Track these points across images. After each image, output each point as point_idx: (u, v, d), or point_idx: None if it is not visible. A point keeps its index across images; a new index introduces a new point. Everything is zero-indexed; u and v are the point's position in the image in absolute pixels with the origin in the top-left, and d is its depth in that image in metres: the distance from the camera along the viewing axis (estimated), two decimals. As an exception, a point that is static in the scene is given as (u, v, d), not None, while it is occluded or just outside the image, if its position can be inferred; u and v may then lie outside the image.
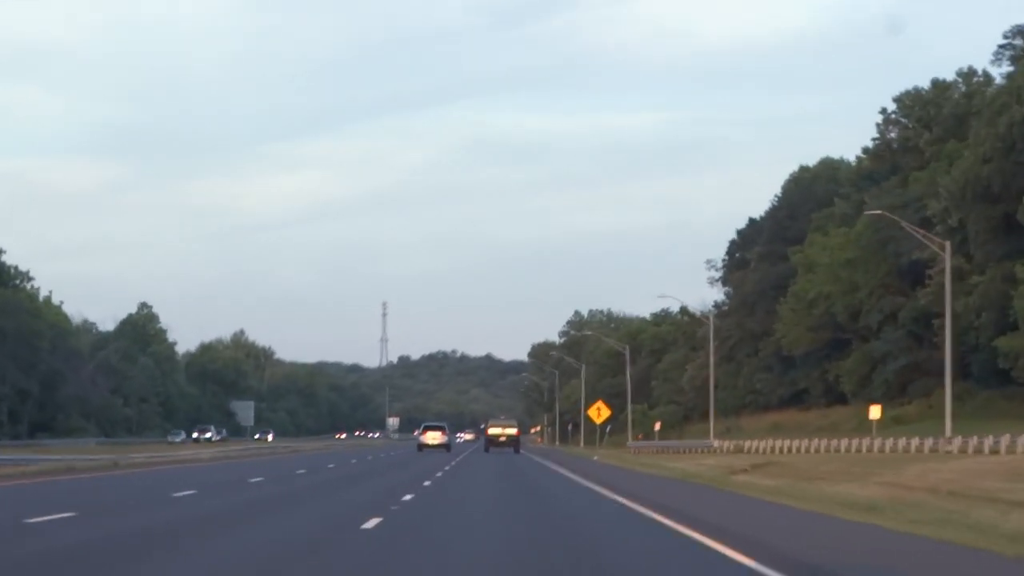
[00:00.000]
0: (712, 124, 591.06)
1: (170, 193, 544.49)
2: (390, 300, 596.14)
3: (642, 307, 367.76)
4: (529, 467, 73.27)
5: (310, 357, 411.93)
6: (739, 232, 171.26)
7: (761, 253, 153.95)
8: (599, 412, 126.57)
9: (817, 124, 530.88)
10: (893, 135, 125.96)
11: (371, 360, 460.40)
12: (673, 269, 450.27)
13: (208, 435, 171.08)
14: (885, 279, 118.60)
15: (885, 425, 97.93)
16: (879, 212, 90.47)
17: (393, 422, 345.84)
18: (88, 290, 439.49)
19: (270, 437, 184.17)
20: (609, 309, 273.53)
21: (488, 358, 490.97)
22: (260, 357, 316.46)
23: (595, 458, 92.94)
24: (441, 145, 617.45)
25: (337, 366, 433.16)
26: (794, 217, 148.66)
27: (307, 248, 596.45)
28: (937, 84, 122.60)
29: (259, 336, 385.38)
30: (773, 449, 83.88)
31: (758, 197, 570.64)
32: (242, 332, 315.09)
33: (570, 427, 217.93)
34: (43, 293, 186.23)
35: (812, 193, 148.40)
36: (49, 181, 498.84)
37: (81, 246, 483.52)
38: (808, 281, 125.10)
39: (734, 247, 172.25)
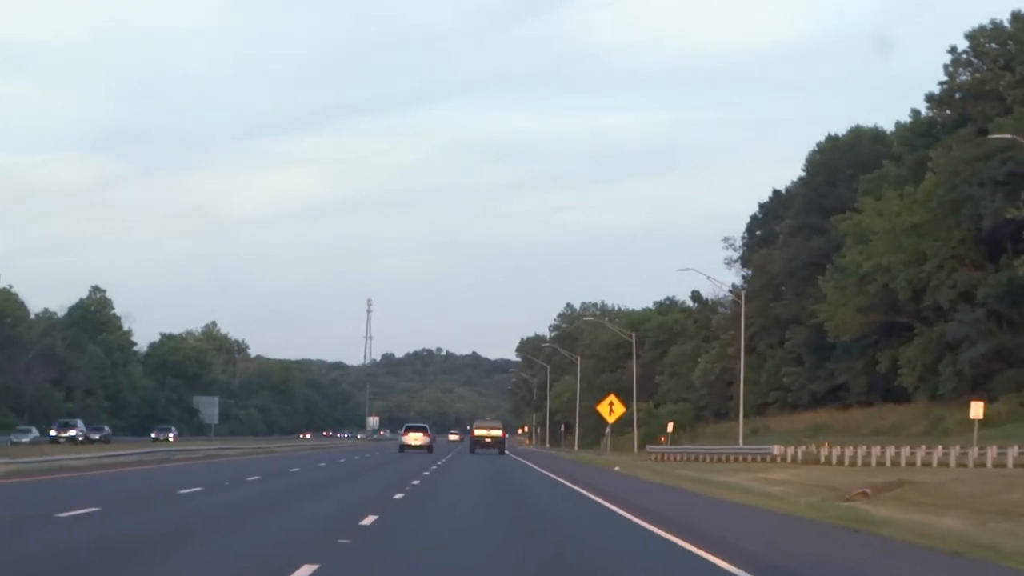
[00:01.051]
0: (697, 126, 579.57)
1: (156, 190, 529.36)
2: (375, 298, 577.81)
3: (635, 303, 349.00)
4: (530, 481, 52.28)
5: (294, 354, 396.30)
6: (761, 206, 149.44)
7: (792, 226, 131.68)
8: (611, 408, 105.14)
9: (805, 127, 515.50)
10: (963, 78, 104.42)
11: (355, 358, 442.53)
12: (664, 269, 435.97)
13: (73, 433, 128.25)
14: (958, 248, 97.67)
15: (968, 427, 78.09)
16: (1008, 136, 69.36)
17: (373, 421, 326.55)
18: (70, 287, 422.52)
19: (171, 436, 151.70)
20: (603, 302, 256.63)
21: (474, 356, 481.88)
22: (232, 351, 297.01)
23: (616, 468, 71.66)
24: (427, 145, 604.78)
25: (320, 363, 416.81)
26: (833, 183, 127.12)
27: (293, 246, 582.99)
28: (1018, 17, 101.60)
29: (243, 333, 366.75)
30: (869, 460, 61.90)
31: (746, 198, 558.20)
32: (214, 324, 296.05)
33: (562, 427, 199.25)
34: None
35: (855, 156, 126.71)
36: (34, 177, 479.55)
37: (66, 242, 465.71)
38: (860, 252, 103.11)
39: (755, 223, 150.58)
